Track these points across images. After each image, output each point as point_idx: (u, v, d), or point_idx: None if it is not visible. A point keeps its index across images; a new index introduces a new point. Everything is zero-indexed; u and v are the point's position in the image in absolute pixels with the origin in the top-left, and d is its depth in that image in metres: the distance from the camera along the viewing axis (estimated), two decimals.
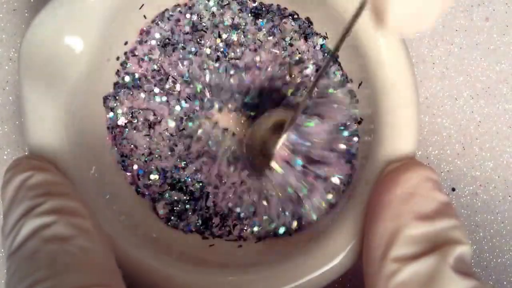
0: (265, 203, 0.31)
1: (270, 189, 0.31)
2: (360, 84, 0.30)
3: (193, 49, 0.32)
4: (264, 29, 0.32)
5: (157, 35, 0.32)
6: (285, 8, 0.32)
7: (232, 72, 0.32)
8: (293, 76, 0.32)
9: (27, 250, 0.22)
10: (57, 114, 0.28)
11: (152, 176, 0.32)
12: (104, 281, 0.22)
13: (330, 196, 0.31)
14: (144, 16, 0.31)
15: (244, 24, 0.32)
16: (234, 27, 0.32)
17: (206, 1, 0.32)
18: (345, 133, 0.31)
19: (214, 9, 0.32)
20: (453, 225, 0.24)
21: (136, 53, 0.32)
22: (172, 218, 0.31)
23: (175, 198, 0.32)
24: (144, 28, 0.32)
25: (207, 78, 0.32)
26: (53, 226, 0.23)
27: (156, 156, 0.32)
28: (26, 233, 0.23)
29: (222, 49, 0.32)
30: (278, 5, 0.32)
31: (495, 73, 0.35)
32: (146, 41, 0.32)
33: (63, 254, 0.22)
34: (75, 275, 0.21)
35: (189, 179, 0.32)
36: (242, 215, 0.31)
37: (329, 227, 0.28)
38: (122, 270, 0.24)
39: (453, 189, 0.35)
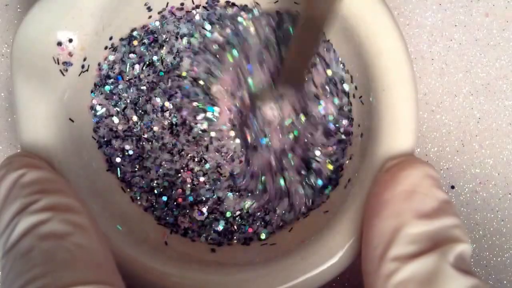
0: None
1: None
2: (356, 87, 0.30)
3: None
4: None
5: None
6: None
7: None
8: None
9: (22, 248, 0.22)
10: (50, 111, 0.28)
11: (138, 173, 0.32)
12: (101, 277, 0.22)
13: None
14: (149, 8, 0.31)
15: None
16: None
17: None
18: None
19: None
20: (453, 224, 0.24)
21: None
22: (167, 219, 0.31)
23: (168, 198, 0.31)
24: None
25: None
26: (49, 223, 0.23)
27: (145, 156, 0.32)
28: (21, 230, 0.22)
29: None
30: None
31: (495, 70, 0.35)
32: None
33: (59, 251, 0.22)
34: (72, 271, 0.21)
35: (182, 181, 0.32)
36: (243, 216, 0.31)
37: (327, 225, 0.28)
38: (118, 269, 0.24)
39: (452, 187, 0.34)
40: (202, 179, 0.32)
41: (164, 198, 0.31)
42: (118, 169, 0.31)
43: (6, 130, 0.34)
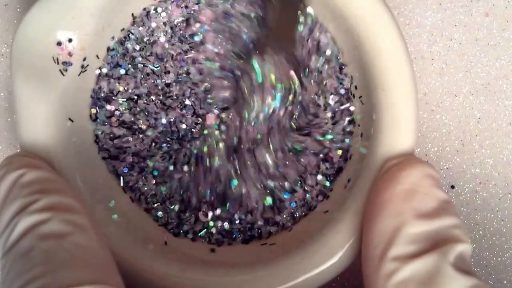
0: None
1: None
2: (356, 87, 0.30)
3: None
4: None
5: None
6: None
7: None
8: None
9: (22, 248, 0.22)
10: (50, 111, 0.27)
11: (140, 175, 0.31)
12: (101, 277, 0.22)
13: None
14: (132, 15, 0.31)
15: None
16: None
17: None
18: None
19: None
20: (453, 224, 0.24)
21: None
22: (169, 222, 0.31)
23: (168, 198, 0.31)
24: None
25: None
26: (49, 223, 0.23)
27: (145, 156, 0.31)
28: (21, 230, 0.22)
29: None
30: None
31: (495, 69, 0.35)
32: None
33: (59, 251, 0.22)
34: (72, 271, 0.21)
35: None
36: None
37: (327, 225, 0.28)
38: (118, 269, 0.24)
39: (452, 187, 0.34)
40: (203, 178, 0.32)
41: (164, 199, 0.31)
42: (122, 178, 0.31)
43: (6, 130, 0.34)
